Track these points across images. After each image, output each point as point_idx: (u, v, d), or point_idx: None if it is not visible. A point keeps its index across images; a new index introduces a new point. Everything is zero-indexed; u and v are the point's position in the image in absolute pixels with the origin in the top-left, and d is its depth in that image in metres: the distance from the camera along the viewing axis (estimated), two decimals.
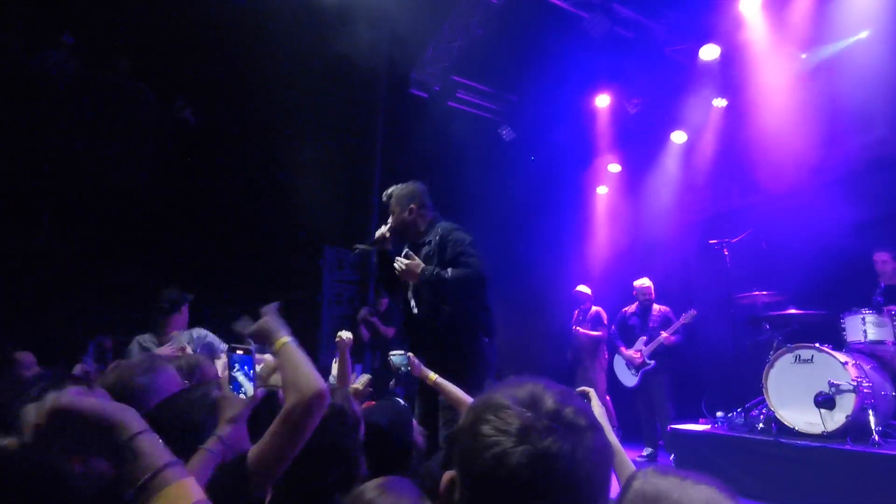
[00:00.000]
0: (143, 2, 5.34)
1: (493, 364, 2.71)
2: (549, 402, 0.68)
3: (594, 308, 5.85)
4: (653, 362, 5.16)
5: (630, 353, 5.28)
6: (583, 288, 5.95)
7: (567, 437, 0.65)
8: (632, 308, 5.50)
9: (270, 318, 1.40)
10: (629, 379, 5.31)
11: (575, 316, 5.95)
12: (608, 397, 5.61)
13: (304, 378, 1.21)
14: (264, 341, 1.37)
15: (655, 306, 5.35)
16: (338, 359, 2.79)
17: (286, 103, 5.97)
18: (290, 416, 1.18)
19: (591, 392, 1.51)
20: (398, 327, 5.87)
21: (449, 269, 2.55)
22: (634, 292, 5.47)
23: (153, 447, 0.80)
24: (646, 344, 5.22)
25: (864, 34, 4.83)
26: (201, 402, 1.38)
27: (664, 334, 5.12)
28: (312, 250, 6.75)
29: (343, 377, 2.60)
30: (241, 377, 1.37)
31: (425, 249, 2.72)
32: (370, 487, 1.06)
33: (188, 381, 1.78)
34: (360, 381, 2.71)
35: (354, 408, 1.49)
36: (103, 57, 5.59)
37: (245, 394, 1.35)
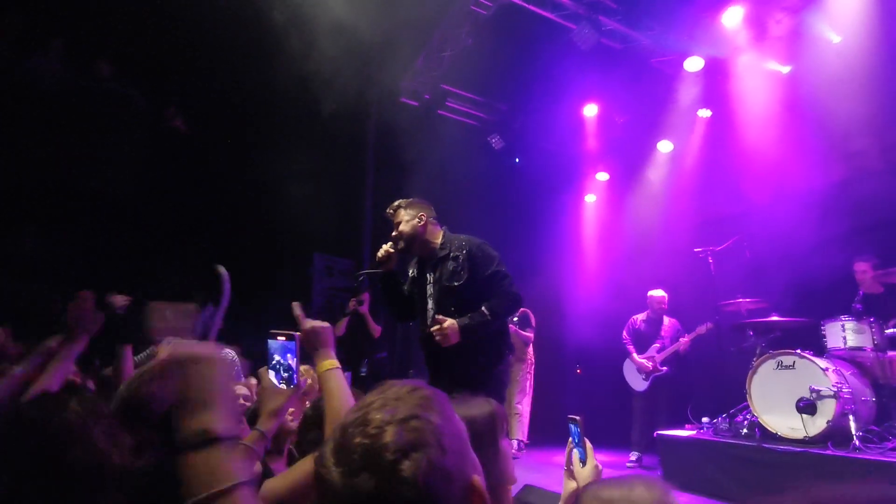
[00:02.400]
0: (136, 9, 5.34)
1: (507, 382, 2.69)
2: (356, 443, 0.64)
3: (522, 309, 5.79)
4: (665, 369, 5.28)
5: (642, 360, 5.36)
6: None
7: (372, 479, 0.61)
8: (641, 316, 5.59)
9: (326, 330, 1.29)
10: (639, 384, 5.40)
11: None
12: (520, 405, 5.75)
13: (338, 413, 1.10)
14: (310, 351, 1.27)
15: (666, 318, 5.46)
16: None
17: (277, 111, 6.00)
18: None
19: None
20: (384, 327, 5.78)
21: (486, 308, 2.48)
22: (648, 301, 5.56)
23: (228, 460, 0.73)
24: (658, 352, 5.32)
25: (837, 39, 4.95)
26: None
27: (683, 340, 5.24)
28: (302, 258, 6.76)
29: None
30: (281, 366, 1.26)
31: (451, 265, 2.61)
32: None
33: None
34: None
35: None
36: (92, 62, 5.59)
37: (287, 383, 1.25)
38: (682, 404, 5.11)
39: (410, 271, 2.84)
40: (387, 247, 2.72)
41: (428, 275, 2.74)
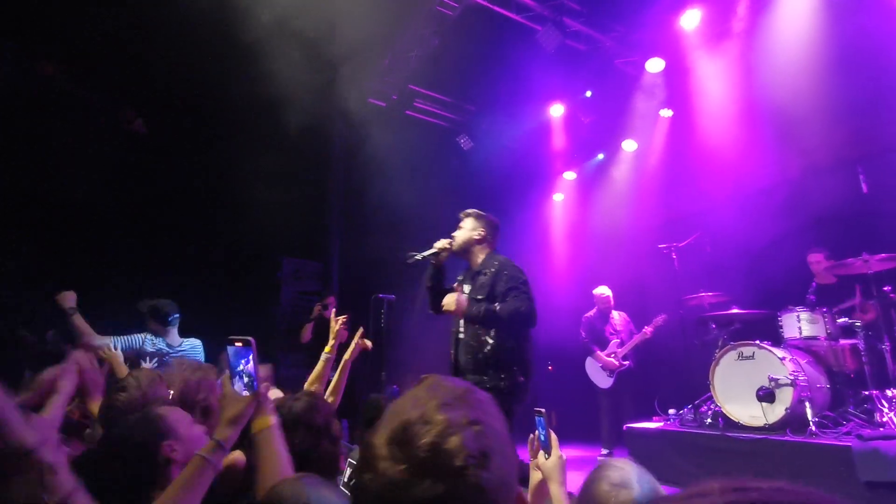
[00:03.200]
0: (91, 10, 5.15)
1: (522, 402, 2.81)
2: (423, 441, 0.62)
3: None
4: (628, 363, 5.39)
5: (608, 358, 5.44)
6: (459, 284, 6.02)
7: (440, 483, 0.59)
8: (592, 313, 5.68)
9: (265, 386, 1.26)
10: (604, 381, 5.47)
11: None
12: None
13: (271, 478, 1.09)
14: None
15: (615, 313, 5.56)
16: (320, 367, 2.71)
17: (240, 113, 5.86)
18: None
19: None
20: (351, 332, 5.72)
21: (498, 304, 2.70)
22: (595, 299, 5.65)
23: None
24: (619, 347, 5.42)
25: (790, 42, 5.16)
26: (144, 424, 1.34)
27: (647, 329, 5.37)
28: (270, 262, 6.62)
29: (335, 388, 2.57)
30: (242, 372, 1.23)
31: (482, 279, 2.88)
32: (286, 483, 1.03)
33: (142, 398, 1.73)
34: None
35: (320, 412, 1.49)
36: (40, 64, 5.35)
37: (247, 390, 1.22)
38: (649, 397, 5.23)
39: (459, 278, 3.12)
40: (445, 242, 3.03)
41: (465, 286, 3.02)
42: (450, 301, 2.81)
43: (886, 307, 3.84)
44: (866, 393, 3.75)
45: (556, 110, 6.92)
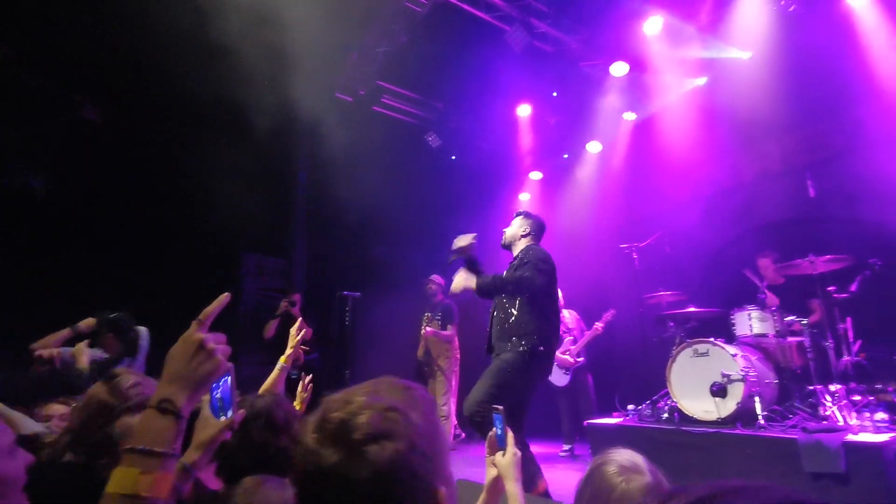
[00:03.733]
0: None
1: (544, 371, 3.22)
2: (335, 415, 0.69)
3: (445, 300, 5.88)
4: (583, 359, 5.49)
5: (564, 356, 5.51)
6: (437, 278, 5.98)
7: (338, 451, 0.66)
8: None
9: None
10: (561, 379, 5.54)
11: (429, 314, 5.93)
12: (446, 407, 5.67)
13: None
14: None
15: (565, 311, 5.65)
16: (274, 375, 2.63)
17: (203, 106, 5.68)
18: None
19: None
20: (316, 329, 5.66)
21: (504, 274, 3.18)
22: None
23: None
24: (572, 344, 5.50)
25: (747, 55, 5.37)
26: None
27: (598, 325, 5.48)
28: (230, 258, 6.45)
29: (271, 385, 2.51)
30: (215, 397, 1.18)
31: (514, 262, 3.32)
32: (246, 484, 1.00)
33: None
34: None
35: (283, 410, 1.46)
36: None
37: (223, 414, 1.18)
38: (609, 393, 5.36)
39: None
40: (465, 237, 3.37)
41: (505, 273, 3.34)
42: (455, 284, 3.22)
43: (830, 306, 4.05)
44: (811, 388, 3.93)
45: (524, 110, 6.99)
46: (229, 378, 1.18)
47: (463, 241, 3.34)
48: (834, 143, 5.06)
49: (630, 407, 4.81)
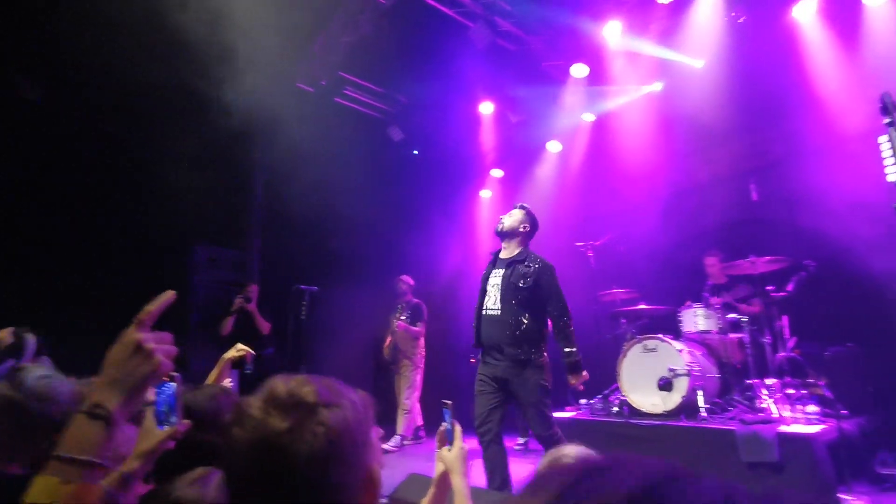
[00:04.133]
0: None
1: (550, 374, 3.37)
2: (282, 388, 0.72)
3: (415, 299, 5.94)
4: None
5: None
6: (406, 279, 6.03)
7: (289, 416, 0.69)
8: None
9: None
10: None
11: (398, 310, 5.96)
12: (408, 401, 5.70)
13: None
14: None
15: None
16: (217, 369, 2.54)
17: (153, 87, 5.43)
18: None
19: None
20: (274, 323, 5.54)
21: (566, 346, 3.35)
22: None
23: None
24: None
25: (700, 63, 5.59)
26: None
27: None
28: (182, 249, 6.21)
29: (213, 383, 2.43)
30: (160, 404, 1.15)
31: (522, 269, 3.35)
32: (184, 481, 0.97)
33: None
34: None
35: (212, 403, 1.41)
36: None
37: (167, 424, 1.15)
38: (564, 388, 5.48)
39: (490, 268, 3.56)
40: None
41: (499, 270, 3.45)
42: (579, 378, 3.40)
43: (768, 305, 4.28)
44: (749, 382, 4.16)
45: (486, 108, 7.03)
46: (175, 385, 1.16)
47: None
48: (776, 151, 5.34)
49: (582, 401, 4.94)
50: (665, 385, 4.11)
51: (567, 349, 3.34)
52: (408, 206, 7.65)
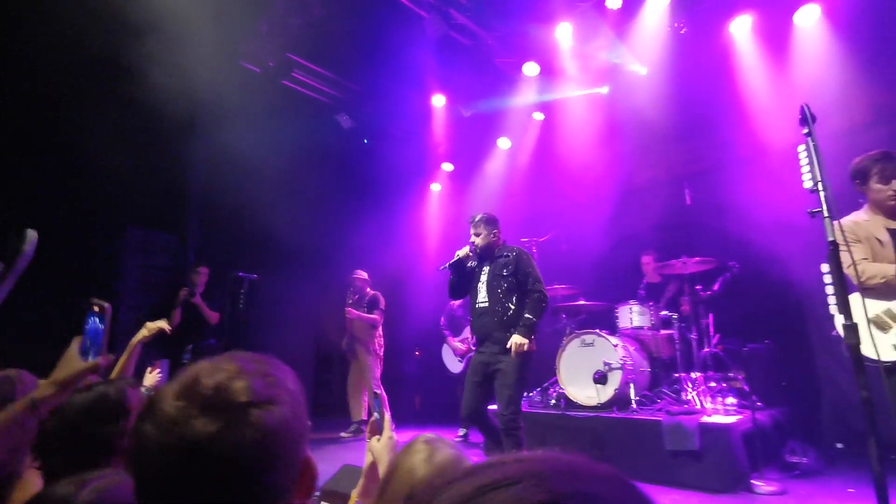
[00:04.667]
0: None
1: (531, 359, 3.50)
2: (207, 382, 0.62)
3: (371, 291, 5.98)
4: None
5: (457, 342, 5.65)
6: (361, 273, 6.04)
7: (215, 418, 0.59)
8: (457, 302, 5.86)
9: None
10: (455, 366, 5.68)
11: (350, 300, 5.97)
12: (379, 389, 5.72)
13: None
14: None
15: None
16: (126, 354, 2.42)
17: (85, 59, 5.03)
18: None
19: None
20: (222, 313, 5.40)
21: (528, 312, 3.46)
22: None
23: None
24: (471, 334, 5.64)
25: (644, 70, 5.82)
26: None
27: None
28: (113, 231, 5.83)
29: (121, 369, 2.29)
30: (86, 337, 1.16)
31: (503, 260, 3.62)
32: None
33: None
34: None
35: (125, 399, 1.33)
36: None
37: (90, 357, 1.15)
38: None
39: (470, 263, 3.82)
40: (466, 249, 3.74)
41: (485, 267, 3.72)
42: (519, 347, 3.39)
43: (696, 303, 4.54)
44: (677, 375, 4.41)
45: (438, 100, 7.01)
46: (101, 320, 1.17)
47: (463, 252, 3.74)
48: (709, 159, 5.65)
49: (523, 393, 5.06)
50: (600, 378, 4.27)
51: (528, 315, 3.47)
52: (355, 197, 7.54)
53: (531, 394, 5.03)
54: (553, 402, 4.71)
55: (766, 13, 5.05)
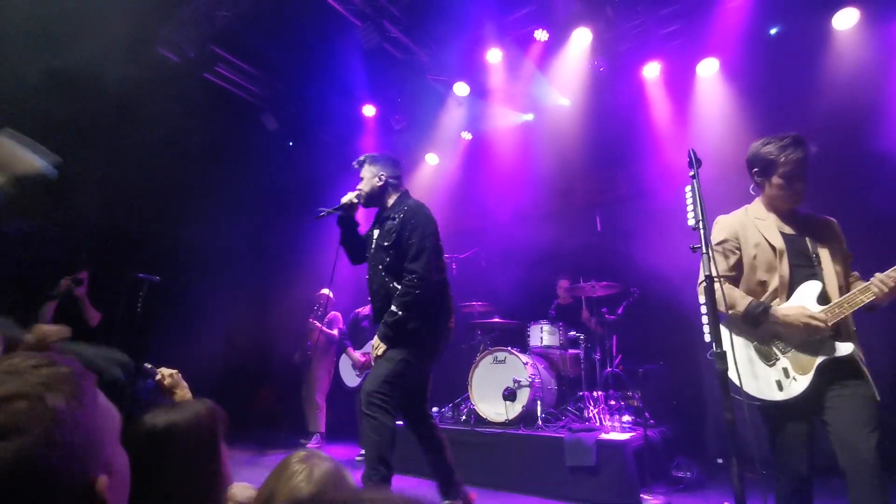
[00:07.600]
0: None
1: (425, 336, 2.76)
2: None
3: (332, 312, 6.10)
4: None
5: (357, 354, 5.56)
6: (326, 291, 6.00)
7: None
8: (365, 310, 5.75)
9: None
10: (352, 380, 5.54)
11: (316, 313, 6.08)
12: (321, 400, 5.94)
13: None
14: None
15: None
16: None
17: None
18: None
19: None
20: (105, 315, 4.90)
21: (395, 306, 2.64)
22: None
23: None
24: None
25: (566, 102, 6.15)
26: None
27: None
28: None
29: None
30: None
31: (389, 225, 2.80)
32: None
33: None
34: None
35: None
36: None
37: None
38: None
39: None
40: (351, 196, 2.95)
41: (375, 231, 2.94)
42: (379, 353, 2.74)
43: (601, 325, 4.81)
44: (581, 393, 4.62)
45: (368, 110, 6.97)
46: None
47: (348, 198, 3.01)
48: (619, 189, 6.06)
49: (434, 409, 5.07)
50: (509, 395, 4.38)
51: (393, 309, 2.66)
52: (275, 199, 7.27)
53: (443, 409, 5.05)
54: (463, 418, 4.76)
55: (672, 62, 5.53)
